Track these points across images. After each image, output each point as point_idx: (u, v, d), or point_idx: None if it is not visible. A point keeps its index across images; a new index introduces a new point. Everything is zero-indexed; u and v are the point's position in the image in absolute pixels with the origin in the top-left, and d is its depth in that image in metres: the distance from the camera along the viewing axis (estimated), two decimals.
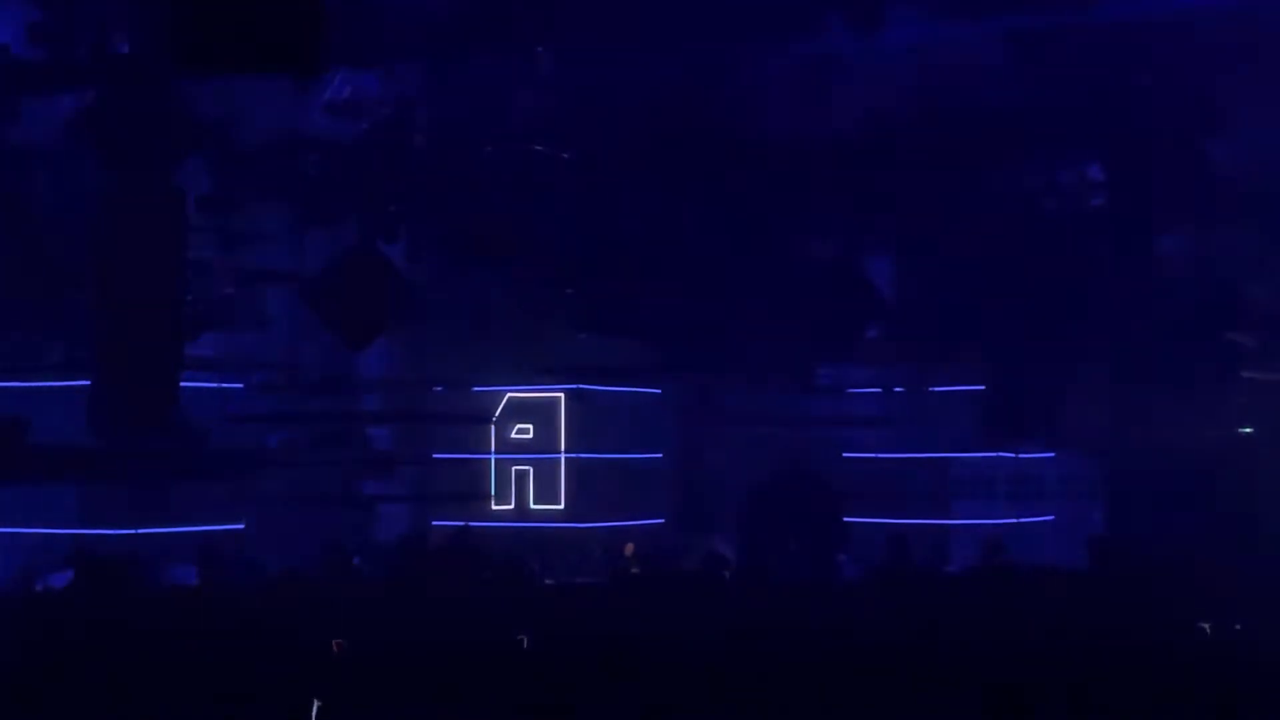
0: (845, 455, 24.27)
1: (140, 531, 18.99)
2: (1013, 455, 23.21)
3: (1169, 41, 18.11)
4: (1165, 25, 18.08)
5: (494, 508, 23.19)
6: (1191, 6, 18.02)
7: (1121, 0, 17.96)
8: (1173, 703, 10.51)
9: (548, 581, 19.30)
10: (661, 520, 23.79)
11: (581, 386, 22.84)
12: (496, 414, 23.21)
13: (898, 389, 24.02)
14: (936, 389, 23.55)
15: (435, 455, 23.07)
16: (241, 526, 20.19)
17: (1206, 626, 14.15)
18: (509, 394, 23.19)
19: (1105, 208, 19.62)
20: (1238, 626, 14.26)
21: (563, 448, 23.07)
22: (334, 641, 12.82)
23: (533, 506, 23.13)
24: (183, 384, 16.63)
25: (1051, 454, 23.40)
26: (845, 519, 23.51)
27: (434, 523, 22.27)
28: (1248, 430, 22.35)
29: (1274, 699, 10.32)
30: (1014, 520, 22.43)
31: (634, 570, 19.87)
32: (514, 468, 23.24)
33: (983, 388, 20.91)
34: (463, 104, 20.75)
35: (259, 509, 20.81)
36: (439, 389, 23.16)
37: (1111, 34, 18.26)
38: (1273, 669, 11.32)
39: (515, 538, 22.12)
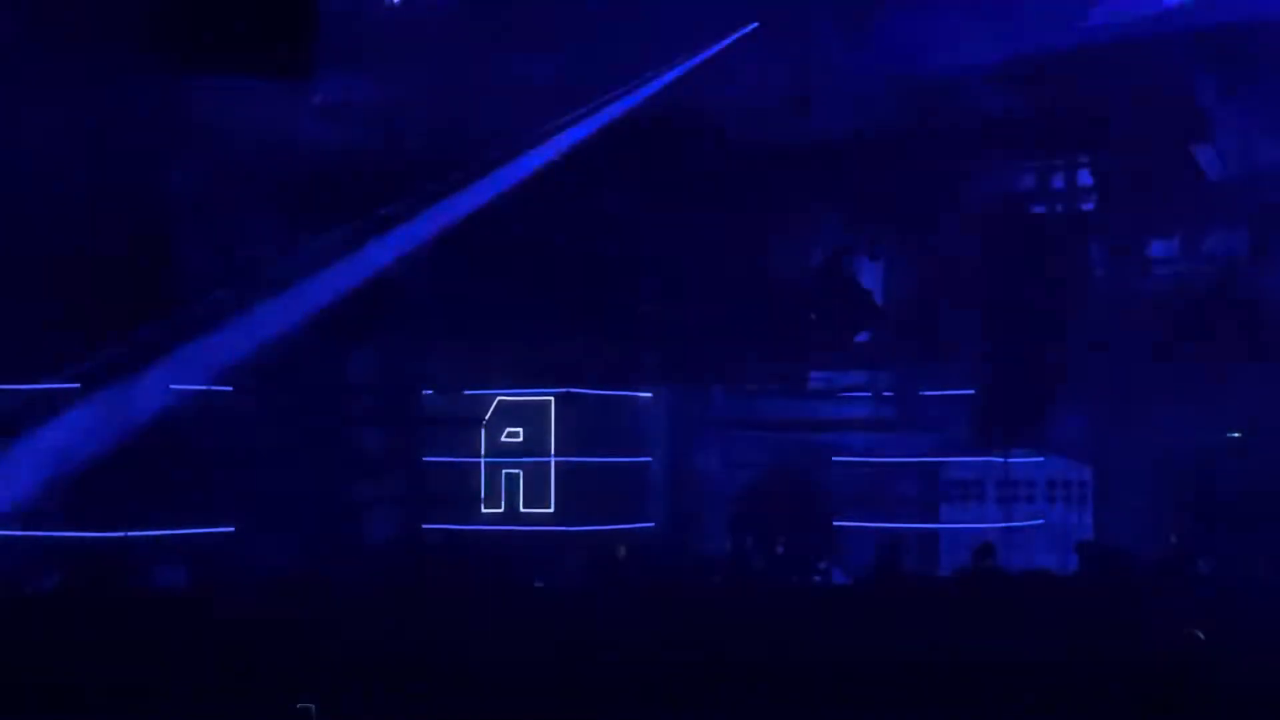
0: (835, 459, 24.28)
1: (130, 534, 18.94)
2: (1002, 459, 23.23)
3: (1158, 48, 18.15)
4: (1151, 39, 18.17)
5: (484, 511, 23.17)
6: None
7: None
8: (1162, 707, 10.51)
9: (537, 585, 19.28)
10: (651, 525, 23.77)
11: (572, 390, 22.81)
12: (487, 417, 23.19)
13: (887, 393, 24.03)
14: (926, 393, 23.56)
15: (425, 458, 23.04)
16: (231, 529, 20.15)
17: (1200, 633, 14.15)
18: (499, 397, 23.16)
19: (1095, 212, 19.66)
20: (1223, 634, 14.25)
21: (553, 451, 23.04)
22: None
23: (523, 510, 23.10)
24: (173, 386, 16.63)
25: (1041, 458, 23.42)
26: (835, 523, 23.54)
27: (424, 526, 22.22)
28: (1236, 435, 22.39)
29: (1260, 704, 10.33)
30: (1004, 525, 22.44)
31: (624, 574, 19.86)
32: (504, 471, 23.22)
33: (972, 391, 20.93)
34: (454, 106, 20.78)
35: (249, 512, 20.76)
36: (429, 392, 23.13)
37: (1103, 43, 18.31)
38: (1260, 674, 11.33)
39: (506, 541, 22.09)
